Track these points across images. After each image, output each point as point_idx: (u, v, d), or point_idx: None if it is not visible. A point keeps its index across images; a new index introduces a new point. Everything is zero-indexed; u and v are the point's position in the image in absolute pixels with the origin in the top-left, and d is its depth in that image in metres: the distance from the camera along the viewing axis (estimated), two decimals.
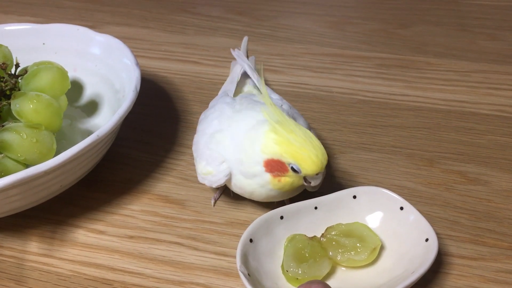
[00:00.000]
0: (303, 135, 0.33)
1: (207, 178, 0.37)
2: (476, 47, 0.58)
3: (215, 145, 0.36)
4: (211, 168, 0.36)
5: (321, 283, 0.29)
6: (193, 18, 0.65)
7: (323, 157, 0.33)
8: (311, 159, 0.32)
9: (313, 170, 0.33)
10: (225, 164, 0.36)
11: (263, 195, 0.36)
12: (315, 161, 0.32)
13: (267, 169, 0.34)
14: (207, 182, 0.37)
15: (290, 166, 0.33)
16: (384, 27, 0.62)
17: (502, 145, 0.45)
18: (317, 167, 0.33)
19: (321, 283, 0.29)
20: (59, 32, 0.47)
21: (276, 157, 0.33)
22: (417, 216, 0.34)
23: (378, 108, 0.49)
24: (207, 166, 0.36)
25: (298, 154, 0.33)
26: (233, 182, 0.36)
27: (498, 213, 0.39)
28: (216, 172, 0.36)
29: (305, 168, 0.33)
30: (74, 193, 0.40)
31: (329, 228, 0.35)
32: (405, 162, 0.43)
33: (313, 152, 0.32)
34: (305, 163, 0.32)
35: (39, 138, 0.36)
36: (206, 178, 0.37)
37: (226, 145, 0.36)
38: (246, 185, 0.35)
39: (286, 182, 0.34)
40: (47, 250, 0.37)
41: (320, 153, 0.33)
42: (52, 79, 0.40)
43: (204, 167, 0.37)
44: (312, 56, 0.57)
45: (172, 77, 0.54)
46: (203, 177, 0.37)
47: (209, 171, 0.36)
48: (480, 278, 0.34)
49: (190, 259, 0.36)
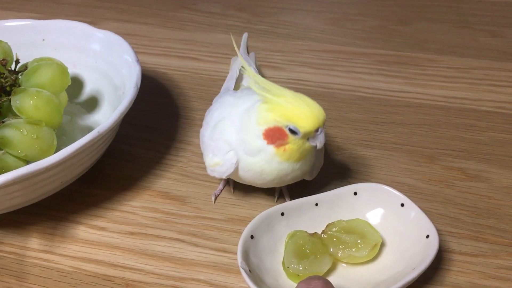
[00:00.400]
0: (293, 95, 0.32)
1: (216, 169, 0.36)
2: (477, 44, 0.58)
3: (219, 134, 0.36)
4: (218, 159, 0.36)
5: (321, 279, 0.29)
6: (193, 14, 0.65)
7: (319, 112, 0.32)
8: (306, 115, 0.32)
9: (311, 126, 0.32)
10: (231, 153, 0.35)
11: (274, 173, 0.34)
12: (311, 116, 0.32)
13: (269, 141, 0.33)
14: (216, 174, 0.37)
15: (287, 129, 0.32)
16: (384, 23, 0.62)
17: (503, 141, 0.45)
18: (313, 122, 0.32)
19: (321, 279, 0.29)
20: (59, 28, 0.47)
21: (272, 124, 0.33)
22: (417, 212, 0.34)
23: (379, 104, 0.49)
24: (214, 157, 0.36)
25: (292, 114, 0.32)
26: (241, 167, 0.35)
27: (499, 209, 0.39)
28: (224, 162, 0.35)
29: (302, 126, 0.32)
30: (75, 190, 0.40)
31: (330, 225, 0.35)
32: (406, 159, 0.43)
33: (306, 108, 0.32)
34: (301, 120, 0.32)
35: (39, 134, 0.36)
36: (215, 170, 0.36)
37: (228, 131, 0.36)
38: (254, 165, 0.34)
39: (291, 150, 0.33)
40: (47, 247, 0.37)
41: (315, 108, 0.32)
42: (52, 75, 0.40)
43: (211, 159, 0.36)
44: (312, 53, 0.57)
45: (171, 74, 0.54)
46: (212, 169, 0.37)
47: (217, 162, 0.36)
48: (481, 274, 0.34)
49: (190, 256, 0.36)
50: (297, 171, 0.35)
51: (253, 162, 0.34)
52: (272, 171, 0.34)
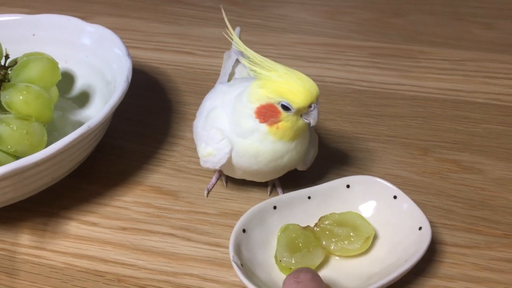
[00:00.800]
0: (285, 70, 0.32)
1: (209, 160, 0.36)
2: (471, 36, 0.58)
3: (212, 123, 0.35)
4: (210, 148, 0.35)
5: (309, 272, 0.29)
6: (186, 8, 0.64)
7: (311, 87, 0.32)
8: (298, 90, 0.31)
9: (304, 101, 0.31)
10: (224, 141, 0.35)
11: (269, 154, 0.34)
12: (303, 91, 0.31)
13: (261, 119, 0.33)
14: (210, 165, 0.36)
15: (280, 106, 0.32)
16: (378, 16, 0.62)
17: (497, 133, 0.44)
18: (306, 97, 0.31)
19: (309, 272, 0.29)
20: (49, 22, 0.47)
21: (264, 101, 0.32)
22: (410, 204, 0.34)
23: (373, 97, 0.49)
24: (207, 147, 0.35)
25: (283, 89, 0.31)
26: (236, 153, 0.34)
27: (493, 201, 0.38)
28: (217, 151, 0.35)
29: (294, 101, 0.31)
30: (66, 185, 0.40)
31: (322, 218, 0.35)
32: (400, 151, 0.43)
33: (299, 83, 0.31)
34: (293, 95, 0.31)
35: (29, 129, 0.36)
36: (208, 160, 0.36)
37: (221, 118, 0.35)
38: (249, 147, 0.34)
39: (285, 127, 0.32)
40: (39, 243, 0.36)
41: (307, 83, 0.31)
42: (42, 70, 0.40)
43: (204, 149, 0.36)
44: (306, 46, 0.56)
45: (165, 68, 0.53)
46: (205, 160, 0.36)
47: (210, 152, 0.35)
48: (474, 266, 0.34)
49: (183, 250, 0.36)
50: (292, 152, 0.34)
51: (247, 145, 0.34)
52: (267, 152, 0.33)
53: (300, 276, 0.28)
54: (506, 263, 0.34)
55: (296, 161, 0.35)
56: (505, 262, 0.34)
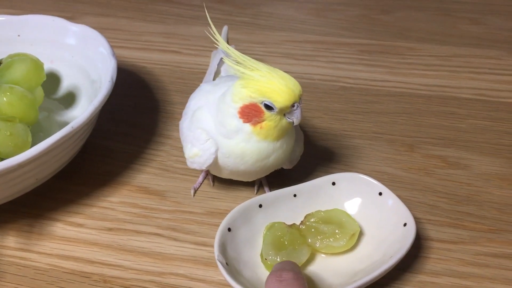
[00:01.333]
0: (268, 69, 0.32)
1: (195, 161, 0.36)
2: (458, 32, 0.58)
3: (197, 123, 0.35)
4: (196, 149, 0.35)
5: (291, 271, 0.28)
6: (173, 7, 0.64)
7: (294, 86, 0.32)
8: (280, 89, 0.31)
9: (286, 101, 0.31)
10: (209, 141, 0.34)
11: (255, 153, 0.34)
12: (286, 91, 0.31)
13: (245, 119, 0.33)
14: (196, 166, 0.36)
15: (263, 105, 0.32)
16: (366, 13, 0.62)
17: (483, 128, 0.45)
18: (289, 96, 0.31)
19: (291, 271, 0.28)
20: (34, 23, 0.46)
21: (247, 100, 0.32)
22: (395, 201, 0.34)
23: (360, 94, 0.49)
24: (193, 148, 0.35)
25: (266, 89, 0.31)
26: (222, 154, 0.34)
27: (478, 196, 0.39)
28: (202, 152, 0.35)
29: (277, 100, 0.31)
30: (52, 186, 0.40)
31: (308, 215, 0.35)
32: (386, 148, 0.43)
33: (281, 82, 0.31)
34: (276, 95, 0.31)
35: (13, 131, 0.35)
36: (194, 161, 0.36)
37: (206, 119, 0.35)
38: (234, 148, 0.34)
39: (268, 127, 0.32)
40: (24, 245, 0.36)
41: (290, 82, 0.31)
42: (27, 71, 0.39)
43: (190, 150, 0.36)
44: (294, 44, 0.56)
45: (152, 67, 0.53)
46: (191, 161, 0.36)
47: (196, 153, 0.35)
48: (460, 261, 0.34)
49: (169, 250, 0.36)
50: (278, 151, 0.34)
51: (233, 145, 0.34)
52: (253, 152, 0.34)
53: (283, 275, 0.28)
54: (491, 257, 0.35)
55: (283, 160, 0.35)
56: (490, 257, 0.35)
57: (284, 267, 0.29)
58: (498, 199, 0.38)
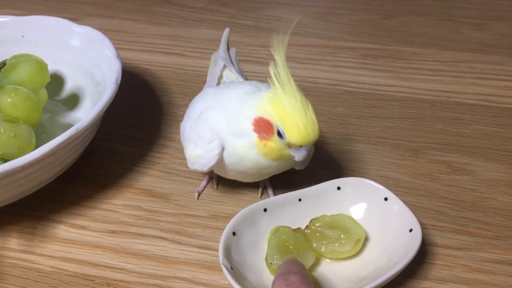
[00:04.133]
0: (300, 102, 0.31)
1: (197, 162, 0.35)
2: (462, 37, 0.58)
3: (204, 123, 0.35)
4: (199, 149, 0.35)
5: (298, 274, 0.28)
6: (177, 9, 0.64)
7: (312, 130, 0.31)
8: (297, 126, 0.31)
9: (297, 139, 0.31)
10: (215, 143, 0.34)
11: (253, 161, 0.34)
12: (302, 130, 0.31)
13: (255, 129, 0.33)
14: (197, 167, 0.36)
15: (276, 129, 0.32)
16: (369, 17, 0.62)
17: (487, 134, 0.44)
18: (302, 137, 0.31)
19: (298, 274, 0.28)
20: (38, 24, 0.46)
21: (266, 116, 0.32)
22: (401, 206, 0.34)
23: (364, 99, 0.49)
24: (196, 147, 0.35)
25: (286, 118, 0.31)
26: (226, 152, 0.34)
27: (483, 202, 0.38)
28: (206, 153, 0.34)
29: (289, 134, 0.31)
30: (55, 188, 0.39)
31: (313, 220, 0.35)
32: (390, 153, 0.43)
33: (302, 120, 0.31)
34: (290, 128, 0.31)
35: (17, 132, 0.35)
36: (196, 162, 0.35)
37: (215, 118, 0.35)
38: (238, 148, 0.34)
39: (271, 148, 0.33)
40: (27, 247, 0.36)
41: (310, 124, 0.31)
42: (31, 72, 0.39)
43: (193, 150, 0.35)
44: (298, 47, 0.56)
45: (156, 70, 0.53)
46: (193, 162, 0.36)
47: (198, 153, 0.35)
48: (465, 268, 0.34)
49: (173, 253, 0.35)
50: (276, 167, 0.35)
51: (237, 145, 0.34)
52: (251, 161, 0.34)
53: (290, 277, 0.28)
54: (496, 264, 0.34)
55: (283, 170, 0.36)
56: (495, 264, 0.34)
57: (291, 269, 0.29)
58: (503, 205, 0.38)
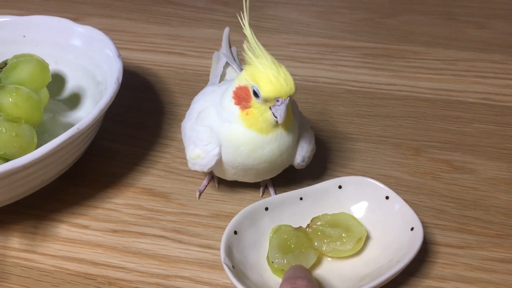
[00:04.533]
0: (271, 60, 0.32)
1: (197, 162, 0.36)
2: (463, 36, 0.58)
3: (201, 121, 0.36)
4: (199, 150, 0.35)
5: (305, 279, 0.28)
6: (177, 9, 0.64)
7: (285, 81, 0.32)
8: (269, 79, 0.31)
9: (270, 91, 0.31)
10: (212, 143, 0.35)
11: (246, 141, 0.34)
12: (274, 82, 0.31)
13: (236, 101, 0.33)
14: (198, 167, 0.36)
15: (252, 90, 0.32)
16: (370, 16, 0.62)
17: (489, 133, 0.44)
18: (275, 87, 0.31)
19: (305, 279, 0.28)
20: (39, 24, 0.46)
21: (243, 83, 0.33)
22: (402, 205, 0.34)
23: (365, 97, 0.49)
24: (195, 148, 0.35)
25: (259, 75, 0.32)
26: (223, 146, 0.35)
27: (485, 201, 0.38)
28: (205, 154, 0.35)
29: (263, 89, 0.32)
30: (57, 188, 0.40)
31: (314, 219, 0.35)
32: (392, 152, 0.43)
33: (274, 74, 0.31)
34: (264, 83, 0.32)
35: (18, 132, 0.35)
36: (196, 162, 0.36)
37: (211, 116, 0.35)
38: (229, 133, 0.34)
39: (253, 115, 0.33)
40: (29, 246, 0.36)
41: (282, 75, 0.32)
42: (32, 71, 0.39)
43: (193, 150, 0.36)
44: (298, 47, 0.56)
45: (156, 69, 0.53)
46: (193, 162, 0.36)
47: (198, 154, 0.35)
48: (467, 266, 0.34)
49: (174, 252, 0.35)
50: (272, 144, 0.34)
51: (228, 129, 0.34)
52: (244, 140, 0.34)
53: (297, 282, 0.28)
54: (498, 263, 0.34)
55: (282, 156, 0.35)
56: (497, 262, 0.34)
57: (298, 274, 0.29)
58: (504, 204, 0.38)
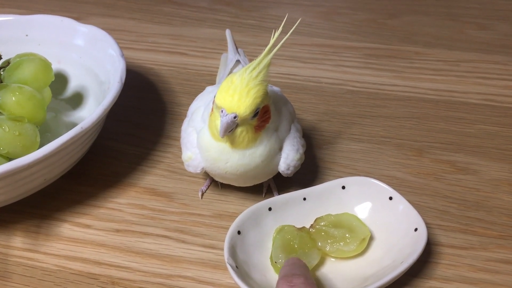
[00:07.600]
0: (242, 72, 0.32)
1: (190, 164, 0.36)
2: (465, 37, 0.58)
3: (192, 122, 0.36)
4: (190, 152, 0.36)
5: (302, 276, 0.28)
6: (180, 9, 0.64)
7: (235, 95, 0.31)
8: (225, 86, 0.31)
9: (218, 97, 0.31)
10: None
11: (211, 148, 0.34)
12: (225, 90, 0.31)
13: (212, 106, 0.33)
14: (191, 169, 0.36)
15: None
16: (373, 17, 0.62)
17: (491, 134, 0.44)
18: (223, 99, 0.31)
19: (302, 276, 0.28)
20: (42, 23, 0.46)
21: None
22: (406, 206, 0.34)
23: (367, 98, 0.49)
24: (187, 151, 0.36)
25: (226, 80, 0.32)
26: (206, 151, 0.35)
27: (487, 202, 0.38)
28: (195, 155, 0.35)
29: (216, 97, 0.32)
30: (60, 187, 0.39)
31: (318, 219, 0.35)
32: (394, 152, 0.43)
33: (229, 86, 0.31)
34: (220, 88, 0.32)
35: (22, 131, 0.35)
36: (189, 164, 0.36)
37: (200, 116, 0.36)
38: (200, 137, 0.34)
39: (211, 119, 0.33)
40: (32, 245, 0.36)
41: (234, 89, 0.31)
42: (35, 71, 0.39)
43: (185, 153, 0.36)
44: (301, 47, 0.56)
45: (159, 69, 0.53)
46: (187, 164, 0.37)
47: (189, 156, 0.36)
48: (470, 267, 0.34)
49: (177, 252, 0.35)
50: (234, 154, 0.33)
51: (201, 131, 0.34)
52: (207, 146, 0.34)
53: (294, 280, 0.28)
54: (501, 264, 0.34)
55: (252, 171, 0.34)
56: (500, 263, 0.34)
57: (295, 271, 0.29)
58: (507, 205, 0.38)
